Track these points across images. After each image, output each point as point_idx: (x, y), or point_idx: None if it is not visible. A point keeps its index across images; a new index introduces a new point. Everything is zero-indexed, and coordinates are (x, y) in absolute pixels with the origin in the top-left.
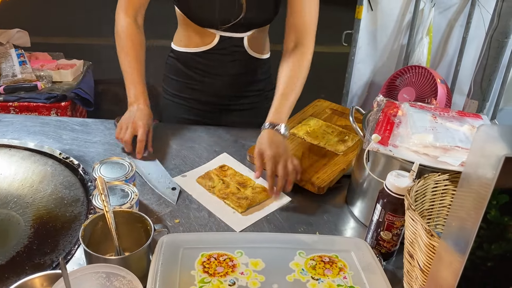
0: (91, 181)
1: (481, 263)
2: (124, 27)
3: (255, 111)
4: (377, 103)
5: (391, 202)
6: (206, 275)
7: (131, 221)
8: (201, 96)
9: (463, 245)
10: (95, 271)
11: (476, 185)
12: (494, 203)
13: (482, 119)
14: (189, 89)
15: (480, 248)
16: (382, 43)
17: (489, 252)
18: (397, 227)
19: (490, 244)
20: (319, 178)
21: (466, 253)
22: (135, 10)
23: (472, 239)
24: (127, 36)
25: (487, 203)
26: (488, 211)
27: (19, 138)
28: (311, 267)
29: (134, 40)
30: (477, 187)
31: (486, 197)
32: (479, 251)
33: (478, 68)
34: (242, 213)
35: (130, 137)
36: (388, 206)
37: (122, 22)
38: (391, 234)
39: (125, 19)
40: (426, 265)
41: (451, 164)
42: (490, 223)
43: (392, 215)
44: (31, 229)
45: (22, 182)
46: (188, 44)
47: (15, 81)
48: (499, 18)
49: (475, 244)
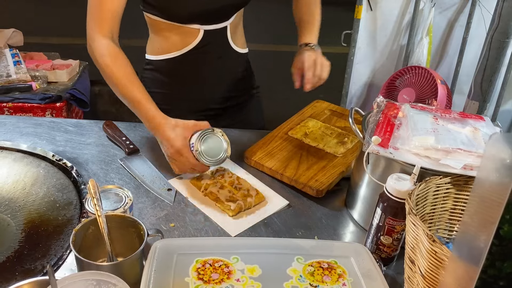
0: (84, 184)
1: (493, 282)
2: (103, 53)
3: (246, 111)
4: (377, 104)
5: (392, 206)
6: (201, 282)
7: (124, 226)
8: (191, 104)
9: (475, 262)
10: (85, 279)
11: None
12: (507, 217)
13: (484, 120)
14: (175, 99)
15: (492, 266)
16: (381, 44)
17: (502, 271)
18: (397, 231)
19: (503, 262)
20: (317, 180)
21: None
22: (109, 26)
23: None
24: (112, 64)
25: (500, 218)
26: (501, 226)
27: (12, 139)
28: (310, 274)
29: (121, 64)
30: (488, 204)
31: (498, 212)
32: (491, 269)
33: (479, 68)
34: (233, 216)
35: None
36: (389, 210)
37: (99, 47)
38: (392, 238)
39: (101, 42)
40: (428, 271)
41: (453, 167)
42: (503, 239)
43: (393, 219)
44: (22, 233)
45: (14, 185)
46: (167, 49)
47: (9, 82)
48: (500, 18)
49: (487, 262)
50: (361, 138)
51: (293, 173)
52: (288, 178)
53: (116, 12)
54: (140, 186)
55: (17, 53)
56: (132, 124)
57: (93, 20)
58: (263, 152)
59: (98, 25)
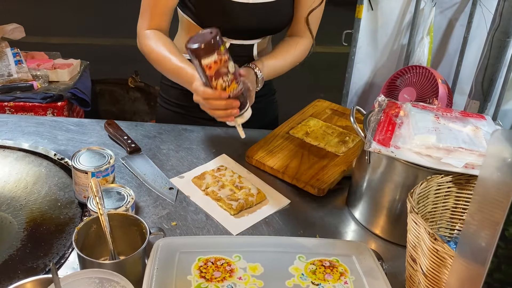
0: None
1: (500, 287)
2: (146, 42)
3: (262, 115)
4: (378, 103)
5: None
6: (203, 280)
7: (126, 224)
8: None
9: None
10: (87, 277)
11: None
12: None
13: (485, 119)
14: (188, 97)
15: (499, 269)
16: (382, 43)
17: (509, 275)
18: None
19: (509, 265)
20: (319, 179)
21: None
22: (157, 22)
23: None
24: (154, 48)
25: (505, 219)
26: (506, 228)
27: (13, 138)
28: (311, 272)
29: (161, 42)
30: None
31: (503, 214)
32: (497, 273)
33: (480, 68)
34: (234, 215)
35: None
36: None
37: (143, 39)
38: (222, 80)
39: (145, 33)
40: (429, 269)
41: (455, 166)
42: (509, 241)
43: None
44: (24, 232)
45: (15, 184)
46: None
47: (10, 81)
48: (501, 18)
49: (492, 265)
50: (363, 137)
51: (295, 172)
52: (290, 177)
53: (163, 11)
54: (142, 185)
55: (18, 52)
56: (134, 123)
57: (142, 18)
58: (265, 151)
59: (146, 22)
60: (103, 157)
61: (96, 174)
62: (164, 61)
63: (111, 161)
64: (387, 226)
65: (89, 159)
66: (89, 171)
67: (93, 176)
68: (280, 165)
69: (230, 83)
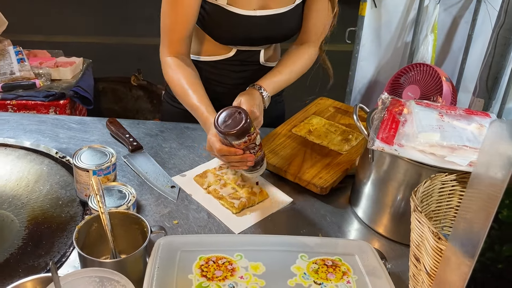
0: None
1: (491, 265)
2: (167, 71)
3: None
4: (381, 101)
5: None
6: (204, 279)
7: (127, 223)
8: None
9: (472, 246)
10: (88, 276)
11: (487, 184)
12: (506, 202)
13: (490, 117)
14: None
15: (491, 249)
16: (386, 41)
17: (500, 254)
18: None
19: (502, 245)
20: (321, 178)
21: (476, 255)
22: (176, 49)
23: (482, 240)
24: (175, 79)
25: (499, 202)
26: (500, 210)
27: (15, 136)
28: (314, 271)
29: (181, 73)
30: (488, 186)
31: (497, 196)
32: (489, 253)
33: (484, 66)
34: (236, 214)
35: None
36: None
37: (166, 66)
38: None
39: (167, 60)
40: (433, 269)
41: (459, 164)
42: (502, 223)
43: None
44: (26, 230)
45: (17, 182)
46: (200, 52)
47: (13, 79)
48: (506, 15)
49: (486, 245)
50: (366, 135)
51: (297, 170)
52: (292, 175)
53: (182, 34)
54: (143, 183)
55: (21, 50)
56: (136, 121)
57: (162, 45)
58: (267, 149)
59: (166, 49)
60: (105, 155)
61: (98, 172)
62: (183, 95)
63: (113, 159)
64: (391, 225)
65: (90, 157)
66: (91, 169)
67: (94, 174)
68: (282, 163)
69: (255, 153)
